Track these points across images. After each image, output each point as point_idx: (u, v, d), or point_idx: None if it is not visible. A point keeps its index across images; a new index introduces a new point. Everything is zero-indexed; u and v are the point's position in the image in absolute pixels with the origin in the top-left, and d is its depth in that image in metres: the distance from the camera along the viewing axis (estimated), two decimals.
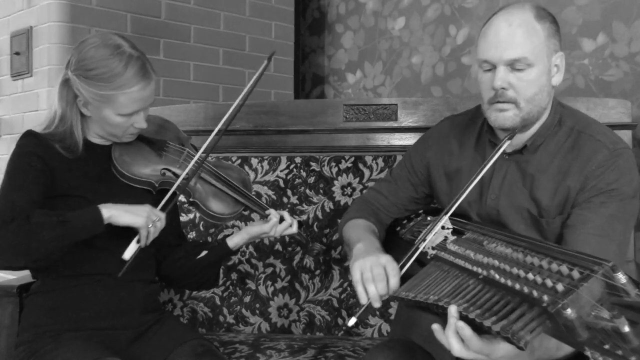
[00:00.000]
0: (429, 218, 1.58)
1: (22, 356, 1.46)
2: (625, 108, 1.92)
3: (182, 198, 1.67)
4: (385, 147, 2.14)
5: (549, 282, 0.93)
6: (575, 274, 0.92)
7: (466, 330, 1.00)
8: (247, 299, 2.07)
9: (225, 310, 2.07)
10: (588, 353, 0.83)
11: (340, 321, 2.02)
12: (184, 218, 2.11)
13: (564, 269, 0.95)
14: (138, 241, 1.45)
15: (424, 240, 1.34)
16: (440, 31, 2.98)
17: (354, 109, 2.16)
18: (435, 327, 1.08)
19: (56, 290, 1.51)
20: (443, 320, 1.09)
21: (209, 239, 2.10)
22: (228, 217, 1.66)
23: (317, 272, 2.06)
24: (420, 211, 1.66)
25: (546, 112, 1.40)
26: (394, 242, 1.61)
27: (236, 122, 2.19)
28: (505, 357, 1.02)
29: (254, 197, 1.70)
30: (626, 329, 0.78)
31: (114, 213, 1.41)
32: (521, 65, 1.30)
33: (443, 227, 1.35)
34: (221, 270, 2.05)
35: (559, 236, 1.37)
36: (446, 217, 1.36)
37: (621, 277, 0.86)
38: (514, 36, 1.30)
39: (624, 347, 0.78)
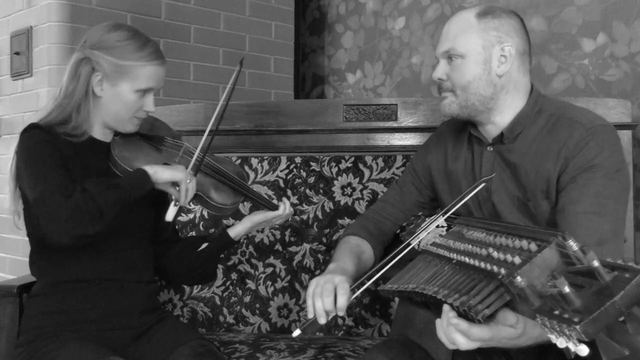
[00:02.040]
0: (426, 219, 1.60)
1: (22, 356, 1.46)
2: (625, 108, 1.92)
3: None
4: (385, 147, 2.14)
5: (509, 257, 0.98)
6: (533, 246, 0.96)
7: (461, 325, 1.02)
8: (247, 299, 2.07)
9: (225, 310, 2.07)
10: (538, 319, 0.84)
11: (340, 321, 2.02)
12: (183, 218, 2.12)
13: (524, 243, 0.99)
14: (175, 204, 1.49)
15: (414, 237, 1.37)
16: (440, 31, 2.98)
17: (354, 109, 2.16)
18: (439, 320, 1.09)
19: (57, 292, 1.51)
20: (434, 313, 1.11)
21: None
22: (230, 207, 1.67)
23: (317, 272, 2.06)
24: (420, 213, 1.67)
25: (502, 101, 1.44)
26: (395, 245, 1.62)
27: (236, 122, 2.20)
28: (508, 338, 1.04)
29: (250, 187, 1.72)
30: (566, 289, 0.80)
31: (157, 169, 1.45)
32: (454, 57, 1.43)
33: (438, 226, 1.38)
34: (221, 269, 2.06)
35: (549, 222, 1.39)
36: (442, 219, 1.38)
37: (572, 245, 0.88)
38: (449, 31, 1.46)
39: (568, 309, 0.79)
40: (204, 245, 1.70)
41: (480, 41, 1.42)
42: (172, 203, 1.50)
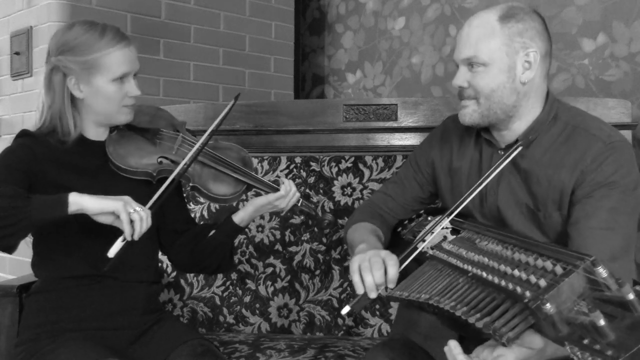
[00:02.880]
0: (429, 218, 1.58)
1: (22, 356, 1.46)
2: (625, 108, 1.92)
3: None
4: (385, 147, 2.14)
5: (532, 279, 0.95)
6: (559, 269, 0.93)
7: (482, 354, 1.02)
8: (247, 299, 2.07)
9: (225, 310, 2.07)
10: (567, 348, 0.83)
11: (340, 321, 2.02)
12: None
13: (549, 264, 0.96)
14: (124, 239, 1.37)
15: (423, 240, 1.35)
16: (440, 31, 2.98)
17: (354, 109, 2.16)
18: (449, 347, 1.08)
19: (57, 290, 1.51)
20: (440, 320, 1.10)
21: None
22: (231, 197, 1.64)
23: (317, 272, 2.06)
24: (422, 211, 1.66)
25: (524, 108, 1.40)
26: (394, 242, 1.61)
27: (236, 122, 2.20)
28: (521, 359, 1.03)
29: (255, 174, 1.68)
30: (602, 322, 0.79)
31: (85, 199, 1.32)
32: (477, 64, 1.36)
33: (443, 227, 1.36)
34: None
35: (559, 233, 1.37)
36: (447, 220, 1.37)
37: (602, 272, 0.87)
38: (469, 36, 1.37)
39: (601, 342, 0.78)
40: (212, 233, 1.66)
41: (504, 48, 1.36)
42: (121, 237, 1.36)
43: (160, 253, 1.72)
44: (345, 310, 1.25)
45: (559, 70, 2.55)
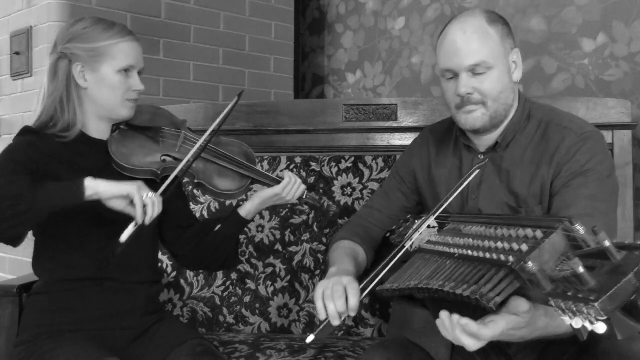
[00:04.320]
0: (416, 221, 1.59)
1: (21, 356, 1.46)
2: (625, 108, 1.92)
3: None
4: (385, 147, 2.14)
5: (515, 246, 0.98)
6: (539, 234, 0.97)
7: (471, 326, 1.02)
8: (247, 299, 2.07)
9: (225, 310, 2.07)
10: (552, 303, 0.85)
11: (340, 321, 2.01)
12: None
13: (529, 232, 1.00)
14: (135, 224, 1.39)
15: (410, 238, 1.36)
16: (441, 31, 2.98)
17: (354, 109, 2.16)
18: (442, 319, 1.08)
19: (58, 290, 1.51)
20: (433, 313, 1.10)
21: None
22: (237, 192, 1.64)
23: (317, 272, 2.06)
24: (409, 216, 1.67)
25: (513, 109, 1.46)
26: (385, 250, 1.62)
27: (236, 122, 2.20)
28: (515, 329, 1.04)
29: (259, 169, 1.67)
30: (581, 269, 0.81)
31: (100, 184, 1.34)
32: (481, 69, 1.38)
33: (429, 227, 1.37)
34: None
35: None
36: (433, 218, 1.38)
37: (579, 229, 0.90)
38: (471, 43, 1.38)
39: (583, 290, 0.81)
40: (218, 227, 1.66)
41: (502, 49, 1.40)
42: (133, 223, 1.38)
43: (160, 253, 1.72)
44: (310, 339, 1.26)
45: (559, 70, 2.55)
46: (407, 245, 1.34)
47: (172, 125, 1.65)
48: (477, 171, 1.40)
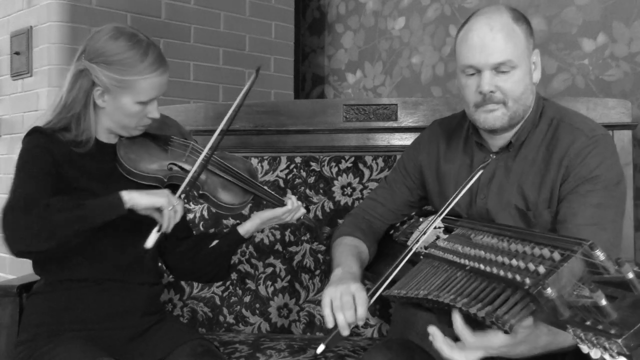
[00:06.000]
0: (420, 219, 1.59)
1: (21, 356, 1.46)
2: (625, 108, 1.92)
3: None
4: (385, 147, 2.14)
5: (531, 266, 0.96)
6: (556, 255, 0.95)
7: (466, 336, 1.02)
8: (247, 299, 2.07)
9: (225, 310, 2.07)
10: (570, 331, 0.84)
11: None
12: None
13: (546, 252, 0.97)
14: (158, 230, 1.42)
15: (417, 241, 1.35)
16: (440, 31, 2.98)
17: (354, 109, 2.16)
18: (432, 331, 1.09)
19: (59, 291, 1.51)
20: (437, 316, 1.09)
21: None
22: (238, 206, 1.64)
23: (317, 272, 2.06)
24: (413, 213, 1.67)
25: (530, 109, 1.43)
26: (387, 245, 1.62)
27: (236, 122, 2.18)
28: (506, 347, 1.03)
29: (261, 185, 1.68)
30: (603, 302, 0.80)
31: (135, 196, 1.38)
32: (506, 68, 1.34)
33: (435, 227, 1.37)
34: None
35: (551, 231, 1.37)
36: (439, 219, 1.37)
37: (599, 255, 0.88)
38: (497, 40, 1.33)
39: (604, 321, 0.79)
40: (215, 242, 1.67)
41: (526, 50, 1.37)
42: (156, 229, 1.42)
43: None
44: (320, 349, 1.27)
45: (559, 70, 2.55)
46: (416, 247, 1.33)
47: (179, 135, 1.66)
48: (481, 172, 1.38)
